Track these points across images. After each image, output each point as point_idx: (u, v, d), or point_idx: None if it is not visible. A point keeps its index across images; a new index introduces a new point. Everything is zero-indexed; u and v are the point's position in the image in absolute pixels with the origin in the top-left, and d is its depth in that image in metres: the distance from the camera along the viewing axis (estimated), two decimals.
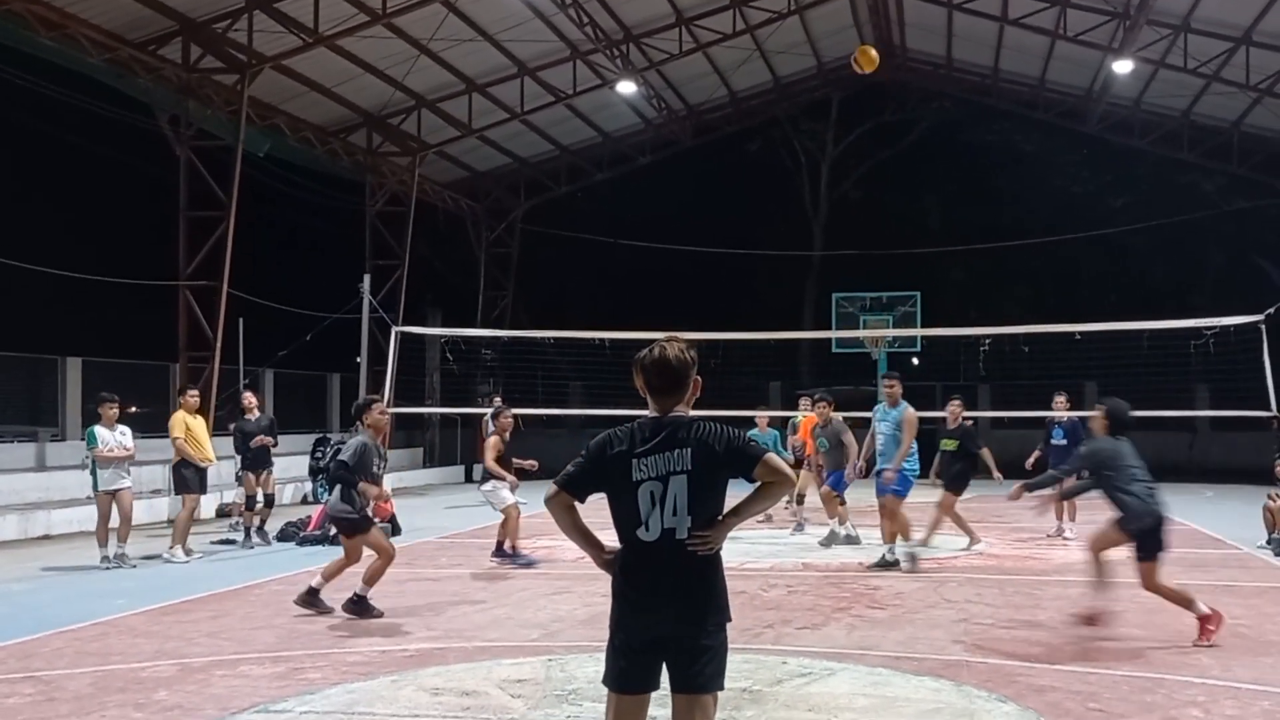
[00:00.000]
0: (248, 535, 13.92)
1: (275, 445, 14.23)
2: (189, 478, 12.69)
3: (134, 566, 11.94)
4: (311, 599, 9.07)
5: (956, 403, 13.14)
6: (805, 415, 15.01)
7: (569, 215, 30.96)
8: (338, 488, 9.10)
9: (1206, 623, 7.86)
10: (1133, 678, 6.86)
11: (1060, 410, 14.35)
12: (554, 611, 9.16)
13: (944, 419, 13.37)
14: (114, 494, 11.94)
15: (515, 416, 12.01)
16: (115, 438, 11.99)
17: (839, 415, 13.22)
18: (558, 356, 22.95)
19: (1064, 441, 14.09)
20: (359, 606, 8.91)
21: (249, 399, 14.54)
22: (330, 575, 9.12)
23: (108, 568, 11.80)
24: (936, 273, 30.48)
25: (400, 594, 10.18)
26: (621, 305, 30.53)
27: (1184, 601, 7.96)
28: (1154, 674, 6.95)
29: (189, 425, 12.74)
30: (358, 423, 9.61)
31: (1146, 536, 7.84)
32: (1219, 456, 25.19)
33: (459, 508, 18.68)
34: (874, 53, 13.49)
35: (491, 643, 7.98)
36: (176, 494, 12.86)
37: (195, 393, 13.46)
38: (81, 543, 13.64)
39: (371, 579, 8.97)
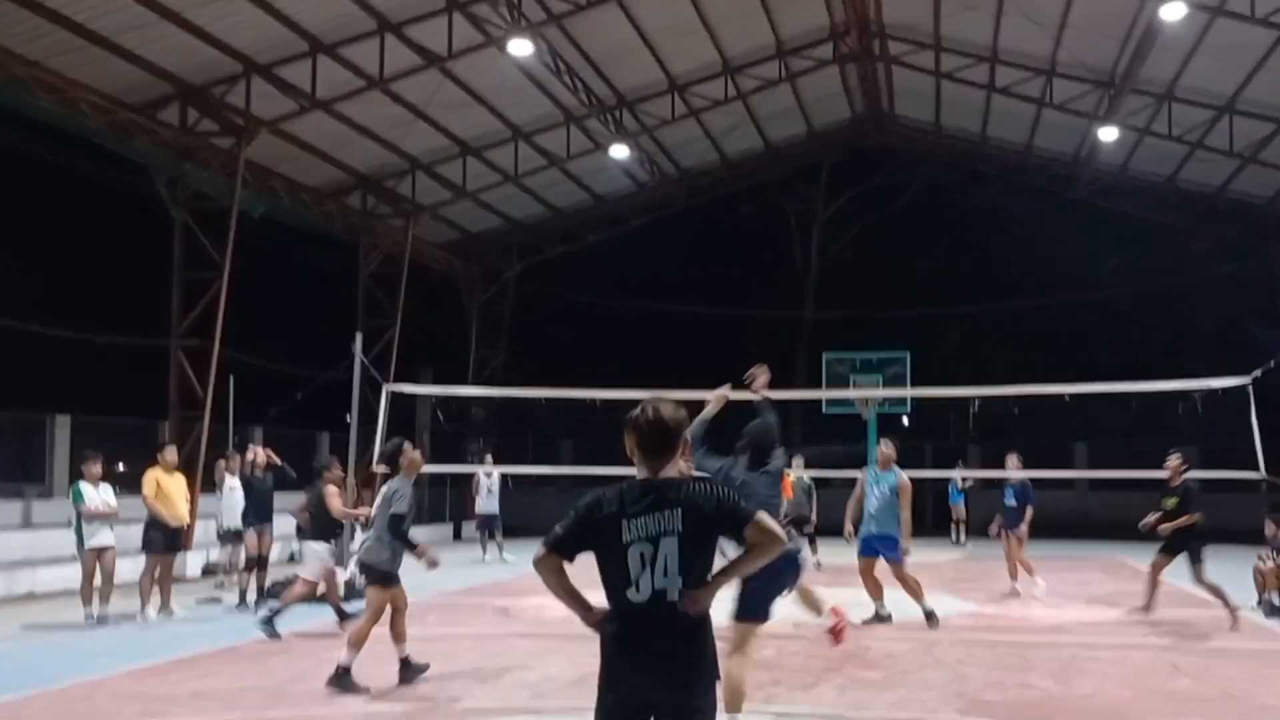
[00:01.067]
0: (243, 599, 13.65)
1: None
2: (154, 538, 12.51)
3: (117, 626, 11.84)
4: (343, 680, 8.31)
5: (1176, 458, 12.32)
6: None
7: (562, 276, 31.13)
8: (369, 535, 8.68)
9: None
10: None
11: (1014, 471, 14.41)
12: (543, 672, 9.10)
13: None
14: (99, 552, 11.89)
15: (505, 476, 11.97)
16: (100, 495, 11.97)
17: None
18: (549, 415, 22.97)
19: (1014, 503, 14.19)
20: (408, 670, 8.62)
21: (259, 452, 14.54)
22: (360, 641, 8.45)
23: (91, 626, 11.72)
24: (927, 333, 30.62)
25: (389, 653, 10.09)
26: (614, 365, 30.52)
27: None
28: None
29: (160, 483, 12.61)
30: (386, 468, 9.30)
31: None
32: (1210, 518, 25.02)
33: (448, 566, 18.56)
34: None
35: (480, 704, 7.93)
36: (140, 552, 12.69)
37: (172, 449, 13.42)
38: (66, 601, 13.51)
39: (401, 636, 8.71)
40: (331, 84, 18.42)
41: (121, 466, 21.47)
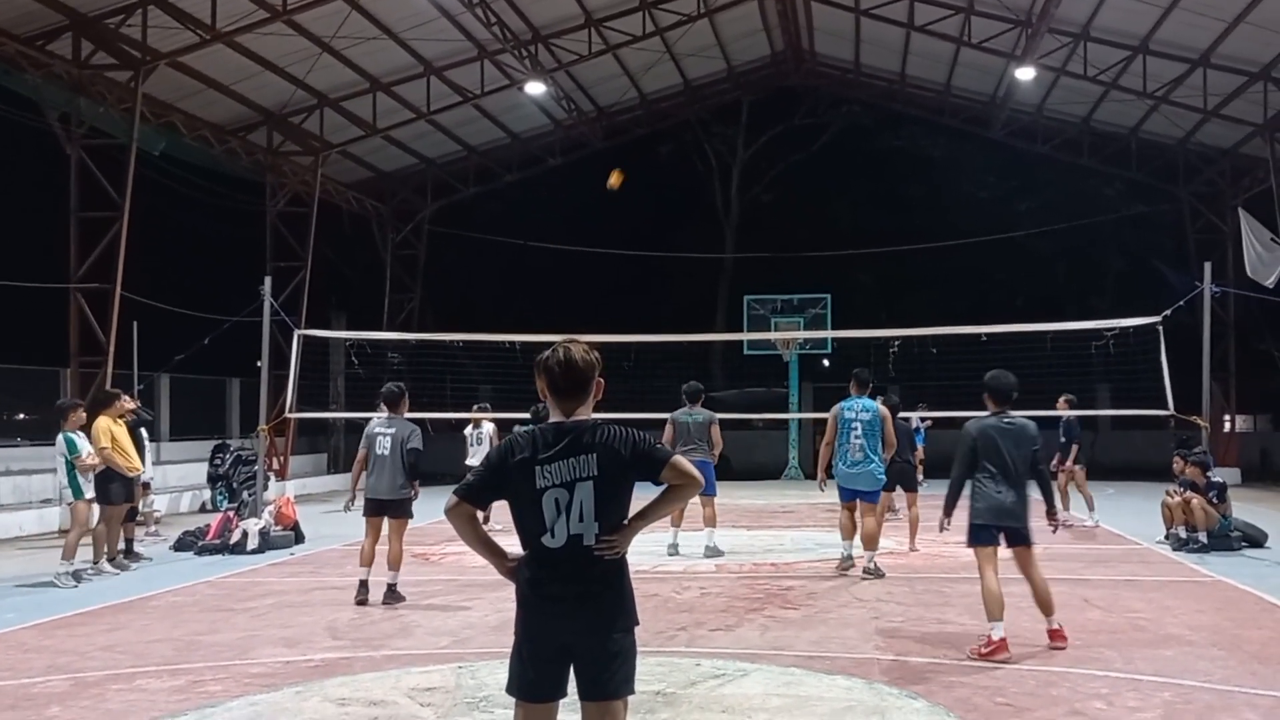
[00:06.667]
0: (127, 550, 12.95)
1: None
2: (114, 490, 11.81)
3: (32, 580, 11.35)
4: (395, 593, 9.77)
5: None
6: None
7: (477, 216, 30.65)
8: (400, 470, 9.68)
9: None
10: (1038, 671, 6.96)
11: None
12: (464, 618, 9.01)
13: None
14: (90, 502, 11.36)
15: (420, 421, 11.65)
16: (83, 444, 11.39)
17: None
18: (466, 360, 22.67)
19: (1063, 439, 15.30)
20: (395, 594, 9.77)
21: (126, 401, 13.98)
22: (400, 562, 9.85)
23: (93, 577, 11.36)
24: (847, 275, 30.84)
25: (305, 603, 9.94)
26: (531, 308, 30.35)
27: None
28: (1058, 668, 7.05)
29: (114, 434, 11.90)
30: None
31: None
32: (1119, 454, 25.87)
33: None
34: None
35: (400, 651, 7.80)
36: (99, 503, 11.80)
37: (127, 398, 12.77)
38: None
39: (398, 563, 9.85)
40: (232, 14, 17.75)
41: (22, 416, 20.76)
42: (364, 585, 9.73)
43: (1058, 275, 33.81)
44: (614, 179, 14.44)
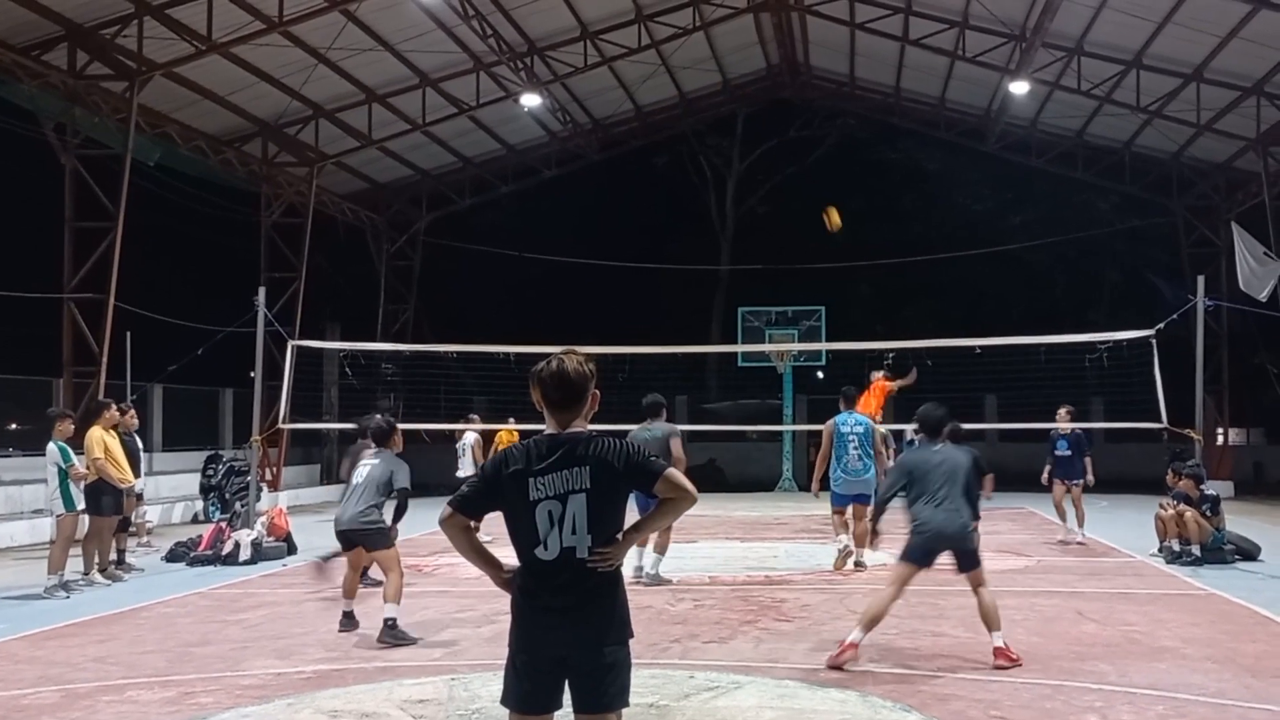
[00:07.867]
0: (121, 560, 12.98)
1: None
2: (105, 502, 11.76)
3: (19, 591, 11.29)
4: (394, 632, 8.44)
5: None
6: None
7: (473, 228, 30.67)
8: (369, 500, 8.71)
9: None
10: (1032, 685, 6.94)
11: (1064, 422, 14.83)
12: (457, 630, 8.98)
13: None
14: (79, 514, 11.26)
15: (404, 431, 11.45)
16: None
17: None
18: (461, 371, 22.65)
19: (1068, 452, 14.71)
20: (394, 632, 8.51)
21: (129, 413, 13.94)
22: (398, 595, 8.58)
23: (84, 588, 11.26)
24: (841, 287, 30.89)
25: (297, 614, 9.91)
26: (527, 319, 30.34)
27: None
28: (1053, 681, 7.03)
29: (106, 444, 11.81)
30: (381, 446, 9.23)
31: None
32: (1113, 467, 25.81)
33: None
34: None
35: (392, 663, 7.77)
36: (90, 514, 11.72)
37: (119, 408, 12.72)
38: None
39: (395, 596, 8.60)
40: (228, 25, 17.77)
41: (14, 425, 20.69)
42: (348, 616, 8.93)
43: (1053, 288, 33.92)
44: (834, 219, 15.01)
